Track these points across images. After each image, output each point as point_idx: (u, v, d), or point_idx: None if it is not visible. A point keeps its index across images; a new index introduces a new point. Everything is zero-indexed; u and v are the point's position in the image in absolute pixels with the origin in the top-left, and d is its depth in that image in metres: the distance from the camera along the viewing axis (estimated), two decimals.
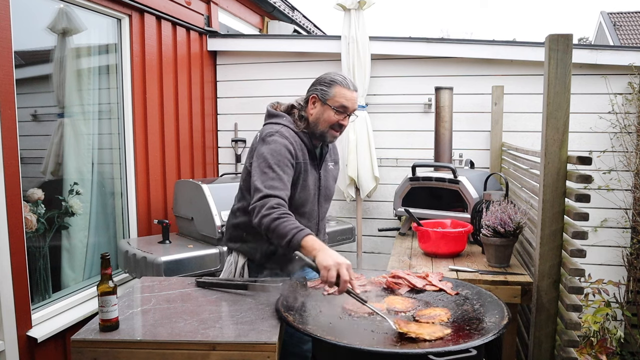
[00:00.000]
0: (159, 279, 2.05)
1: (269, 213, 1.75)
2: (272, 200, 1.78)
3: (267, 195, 1.79)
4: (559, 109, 1.95)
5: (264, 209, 1.76)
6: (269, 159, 1.87)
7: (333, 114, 1.96)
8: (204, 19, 4.19)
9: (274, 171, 1.85)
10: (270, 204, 1.77)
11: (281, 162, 1.88)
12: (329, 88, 1.96)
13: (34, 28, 2.91)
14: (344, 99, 1.96)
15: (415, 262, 2.52)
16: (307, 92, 2.04)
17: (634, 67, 3.50)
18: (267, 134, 1.97)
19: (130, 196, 3.47)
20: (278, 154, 1.89)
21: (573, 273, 1.92)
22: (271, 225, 1.73)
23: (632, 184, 3.61)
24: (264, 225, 1.75)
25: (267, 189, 1.80)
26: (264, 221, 1.75)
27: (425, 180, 3.11)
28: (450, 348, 1.33)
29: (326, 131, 1.99)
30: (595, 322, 3.04)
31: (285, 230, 1.70)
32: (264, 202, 1.78)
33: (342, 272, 1.58)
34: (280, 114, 2.05)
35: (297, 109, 2.05)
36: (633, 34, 15.15)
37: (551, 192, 1.99)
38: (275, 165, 1.86)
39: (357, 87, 2.03)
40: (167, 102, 3.74)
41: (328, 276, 1.57)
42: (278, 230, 1.71)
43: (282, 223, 1.72)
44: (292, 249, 1.68)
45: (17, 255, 2.47)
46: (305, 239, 1.67)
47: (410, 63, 4.04)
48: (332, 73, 2.01)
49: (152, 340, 1.45)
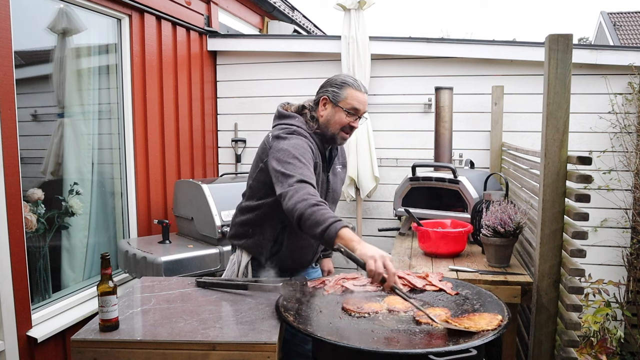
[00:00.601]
0: (159, 279, 2.05)
1: (306, 198, 1.65)
2: (308, 187, 1.70)
3: (302, 181, 1.71)
4: (559, 109, 1.95)
5: (301, 193, 1.67)
6: (292, 151, 1.82)
7: (344, 116, 1.95)
8: (204, 19, 4.19)
9: (300, 162, 1.79)
10: (307, 190, 1.69)
11: (305, 154, 1.84)
12: (340, 90, 1.95)
13: (34, 28, 2.91)
14: (355, 101, 1.95)
15: (415, 262, 2.51)
16: (317, 93, 2.03)
17: (634, 67, 3.50)
18: (285, 131, 1.93)
19: (130, 196, 3.47)
20: (302, 148, 1.85)
21: (573, 273, 1.92)
22: (307, 211, 1.62)
23: (632, 184, 3.61)
24: (299, 210, 1.64)
25: (301, 176, 1.73)
26: (299, 206, 1.64)
27: (425, 180, 3.11)
28: (450, 348, 1.33)
29: (337, 133, 1.99)
30: (595, 322, 3.03)
31: (323, 217, 1.61)
32: (299, 187, 1.69)
33: (388, 265, 1.53)
34: (293, 115, 2.02)
35: (307, 109, 2.03)
36: (633, 34, 15.15)
37: (551, 192, 1.99)
38: (301, 157, 1.81)
39: (367, 90, 2.02)
40: (167, 102, 3.74)
41: (376, 267, 1.51)
42: (315, 216, 1.61)
43: (320, 210, 1.63)
44: (326, 238, 1.60)
45: (17, 255, 2.47)
46: (344, 229, 1.59)
47: (410, 63, 4.04)
48: (342, 75, 2.01)
49: (152, 340, 1.45)
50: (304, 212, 1.64)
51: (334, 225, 1.59)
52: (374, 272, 1.52)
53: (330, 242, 1.60)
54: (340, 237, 1.58)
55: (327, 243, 1.62)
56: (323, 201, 1.68)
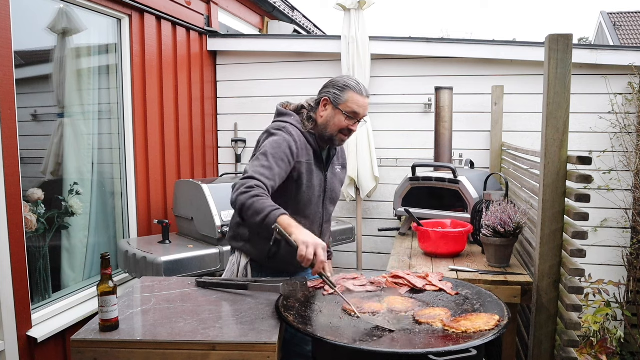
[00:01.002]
0: (159, 279, 2.05)
1: (247, 191, 1.73)
2: (253, 181, 1.77)
3: (250, 177, 1.78)
4: (559, 109, 1.95)
5: (244, 187, 1.75)
6: (268, 148, 1.88)
7: (344, 119, 1.96)
8: (204, 19, 4.19)
9: (267, 160, 1.85)
10: (250, 183, 1.76)
11: (277, 154, 1.87)
12: (342, 92, 1.96)
13: (34, 28, 2.91)
14: (356, 105, 1.96)
15: (415, 262, 2.51)
16: (319, 93, 2.03)
17: (634, 67, 3.50)
18: (274, 128, 1.97)
19: (130, 196, 3.47)
20: (277, 147, 1.89)
21: (573, 273, 1.92)
22: (247, 202, 1.70)
23: (632, 184, 3.61)
24: (240, 201, 1.72)
25: (253, 172, 1.80)
26: (240, 198, 1.73)
27: (425, 180, 3.11)
28: (450, 348, 1.33)
29: (335, 135, 1.99)
30: (595, 322, 3.03)
31: (262, 207, 1.68)
32: (244, 182, 1.77)
33: (319, 252, 1.61)
34: (289, 113, 2.05)
35: (306, 109, 2.05)
36: (633, 34, 15.16)
37: (551, 192, 1.99)
38: (271, 156, 1.86)
39: (369, 93, 2.03)
40: (167, 102, 3.74)
41: (307, 253, 1.59)
42: (254, 206, 1.69)
43: (260, 200, 1.70)
44: (266, 226, 1.67)
45: (17, 255, 2.47)
46: (282, 217, 1.67)
47: (410, 63, 4.04)
48: (345, 77, 2.01)
49: (152, 340, 1.45)
50: (244, 203, 1.71)
51: (273, 212, 1.67)
52: (304, 257, 1.60)
53: (269, 228, 1.67)
54: (279, 223, 1.66)
55: (268, 229, 1.68)
56: (265, 193, 1.75)
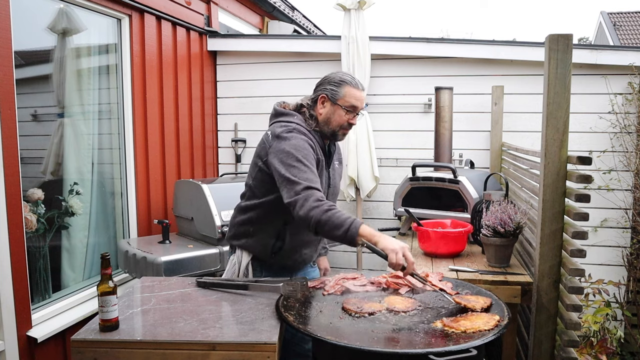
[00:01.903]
0: (159, 279, 2.05)
1: (318, 205, 1.72)
2: (316, 192, 1.76)
3: (309, 187, 1.76)
4: (559, 109, 1.95)
5: (311, 200, 1.73)
6: (295, 153, 1.84)
7: (344, 113, 1.98)
8: (204, 19, 4.19)
9: (304, 165, 1.83)
10: (316, 196, 1.75)
11: (308, 156, 1.86)
12: (338, 88, 1.97)
13: (34, 28, 2.91)
14: (353, 98, 1.98)
15: (416, 262, 2.51)
16: (315, 91, 2.04)
17: (634, 67, 3.50)
18: (284, 130, 1.93)
19: (130, 196, 3.47)
20: (303, 149, 1.87)
21: (573, 273, 1.92)
22: (323, 217, 1.70)
23: (632, 184, 3.60)
24: (315, 217, 1.71)
25: (306, 182, 1.78)
26: (313, 213, 1.71)
27: (425, 180, 3.11)
28: (450, 348, 1.33)
29: (337, 130, 2.01)
30: (595, 322, 3.03)
31: (340, 220, 1.70)
32: (308, 194, 1.75)
33: (408, 255, 1.68)
34: (291, 113, 2.04)
35: (306, 107, 2.05)
36: (633, 34, 15.15)
37: (551, 192, 1.99)
38: (304, 159, 1.84)
39: (364, 86, 2.05)
40: (167, 102, 3.74)
41: (397, 258, 1.66)
42: (332, 220, 1.70)
43: (336, 214, 1.72)
44: (348, 238, 1.69)
45: (17, 255, 2.47)
46: (362, 227, 1.70)
47: (410, 63, 4.04)
48: (340, 73, 2.02)
49: (152, 340, 1.45)
50: (320, 219, 1.72)
51: (353, 225, 1.70)
52: (395, 264, 1.67)
53: (352, 241, 1.71)
54: (361, 234, 1.70)
55: (350, 242, 1.71)
56: (332, 204, 1.77)
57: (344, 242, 1.72)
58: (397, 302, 1.71)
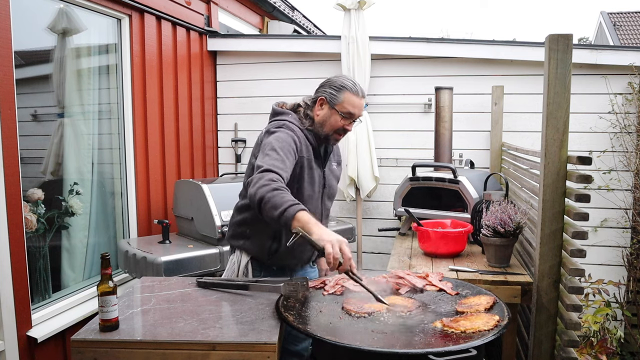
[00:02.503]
0: (159, 279, 2.05)
1: (267, 184, 1.69)
2: (272, 174, 1.74)
3: (268, 170, 1.75)
4: (559, 109, 1.95)
5: (263, 179, 1.71)
6: (274, 143, 1.87)
7: (339, 119, 1.99)
8: (204, 19, 4.19)
9: (277, 153, 1.84)
10: (270, 176, 1.73)
11: (284, 147, 1.87)
12: (338, 93, 1.97)
13: (34, 28, 2.91)
14: (351, 106, 1.98)
15: (415, 262, 2.51)
16: (316, 92, 2.06)
17: (634, 67, 3.50)
18: (274, 126, 1.98)
19: (130, 196, 3.47)
20: (283, 141, 1.89)
21: (573, 273, 1.92)
22: (267, 195, 1.66)
23: (632, 184, 3.61)
24: (260, 194, 1.67)
25: (269, 166, 1.77)
26: (260, 190, 1.68)
27: (425, 180, 3.11)
28: (450, 348, 1.33)
29: (330, 134, 2.02)
30: (595, 322, 3.03)
31: (281, 200, 1.64)
32: (263, 174, 1.73)
33: (345, 249, 1.59)
34: (286, 112, 2.07)
35: (302, 107, 2.07)
36: (633, 34, 15.15)
37: (551, 192, 1.99)
38: (279, 149, 1.85)
39: (365, 93, 2.05)
40: (167, 102, 3.74)
41: (334, 252, 1.56)
42: (273, 200, 1.65)
43: (280, 194, 1.66)
44: (284, 220, 1.63)
45: (17, 255, 2.47)
46: (301, 212, 1.62)
47: (410, 63, 4.04)
48: (342, 77, 2.03)
49: (152, 340, 1.45)
50: (264, 196, 1.66)
51: (292, 207, 1.62)
52: (332, 256, 1.56)
53: (287, 224, 1.63)
54: (297, 219, 1.61)
55: (285, 225, 1.64)
56: (284, 187, 1.71)
57: (280, 225, 1.65)
58: (397, 302, 1.71)
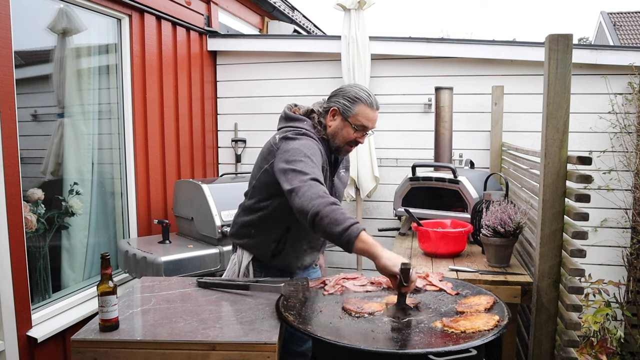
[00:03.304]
0: (159, 279, 2.05)
1: (323, 196, 1.61)
2: (322, 186, 1.66)
3: (315, 179, 1.66)
4: (559, 109, 1.95)
5: (315, 190, 1.62)
6: (304, 150, 1.78)
7: (352, 132, 1.93)
8: (204, 19, 4.19)
9: (312, 161, 1.75)
10: (322, 188, 1.64)
11: (316, 155, 1.81)
12: (352, 105, 1.91)
13: (34, 28, 2.91)
14: (365, 119, 1.92)
15: (415, 262, 2.51)
16: (329, 100, 1.98)
17: (634, 67, 3.50)
18: (294, 132, 1.88)
19: (130, 196, 3.47)
20: (312, 149, 1.82)
21: (573, 273, 1.92)
22: (325, 208, 1.57)
23: (632, 184, 3.60)
24: (316, 206, 1.58)
25: (313, 174, 1.68)
26: (315, 202, 1.59)
27: (425, 180, 3.11)
28: (450, 348, 1.33)
29: (342, 146, 1.97)
30: (595, 322, 3.03)
31: (343, 217, 1.57)
32: (313, 184, 1.64)
33: (412, 274, 1.57)
34: (301, 118, 1.97)
35: (316, 114, 1.99)
36: (633, 34, 15.15)
37: (551, 192, 1.99)
38: (312, 156, 1.77)
39: (379, 105, 1.97)
40: (167, 102, 3.74)
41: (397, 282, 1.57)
42: (334, 214, 1.57)
43: (339, 210, 1.59)
44: (345, 238, 1.56)
45: (17, 255, 2.47)
46: (364, 233, 1.58)
47: (410, 63, 4.04)
48: (356, 87, 1.95)
49: (152, 340, 1.45)
50: (321, 210, 1.58)
51: (355, 226, 1.57)
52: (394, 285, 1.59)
53: (349, 243, 1.58)
54: (361, 240, 1.57)
55: (346, 244, 1.58)
56: (338, 201, 1.65)
57: (340, 242, 1.59)
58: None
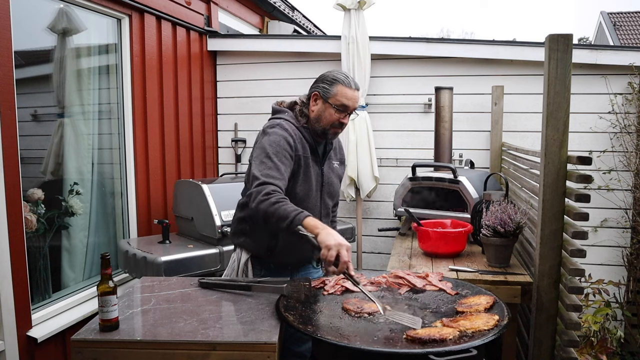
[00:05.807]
0: (159, 279, 2.05)
1: (266, 198, 1.76)
2: (269, 186, 1.80)
3: (264, 183, 1.81)
4: (559, 109, 1.95)
5: (261, 194, 1.77)
6: (268, 149, 1.91)
7: (334, 112, 1.99)
8: (204, 19, 4.19)
9: (271, 161, 1.88)
10: (267, 190, 1.78)
11: (279, 152, 1.91)
12: (330, 86, 1.99)
13: (34, 28, 2.91)
14: (344, 98, 1.98)
15: (415, 262, 2.51)
16: (310, 89, 2.08)
17: (634, 67, 3.50)
18: (269, 126, 2.02)
19: (130, 196, 3.47)
20: (277, 145, 1.92)
21: (573, 273, 1.92)
22: (269, 209, 1.74)
23: (632, 184, 3.60)
24: (262, 209, 1.75)
25: (264, 177, 1.83)
26: (261, 206, 1.76)
27: (425, 180, 3.11)
28: (450, 348, 1.33)
29: (327, 129, 2.03)
30: (595, 322, 3.03)
31: (285, 212, 1.72)
32: (260, 189, 1.79)
33: (342, 253, 1.62)
34: (283, 110, 2.10)
35: (299, 105, 2.09)
36: (633, 34, 15.15)
37: (551, 192, 1.99)
38: (274, 155, 1.89)
39: (359, 86, 2.06)
40: (167, 102, 3.74)
41: (328, 255, 1.62)
42: (278, 212, 1.72)
43: (282, 206, 1.73)
44: (292, 229, 1.70)
45: (17, 255, 2.47)
46: (307, 219, 1.70)
47: (410, 63, 4.04)
48: (334, 71, 2.04)
49: (152, 340, 1.45)
50: (267, 211, 1.75)
51: (297, 216, 1.70)
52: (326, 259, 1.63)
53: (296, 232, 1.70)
54: (305, 225, 1.70)
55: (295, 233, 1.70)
56: (283, 197, 1.78)
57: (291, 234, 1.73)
58: None
